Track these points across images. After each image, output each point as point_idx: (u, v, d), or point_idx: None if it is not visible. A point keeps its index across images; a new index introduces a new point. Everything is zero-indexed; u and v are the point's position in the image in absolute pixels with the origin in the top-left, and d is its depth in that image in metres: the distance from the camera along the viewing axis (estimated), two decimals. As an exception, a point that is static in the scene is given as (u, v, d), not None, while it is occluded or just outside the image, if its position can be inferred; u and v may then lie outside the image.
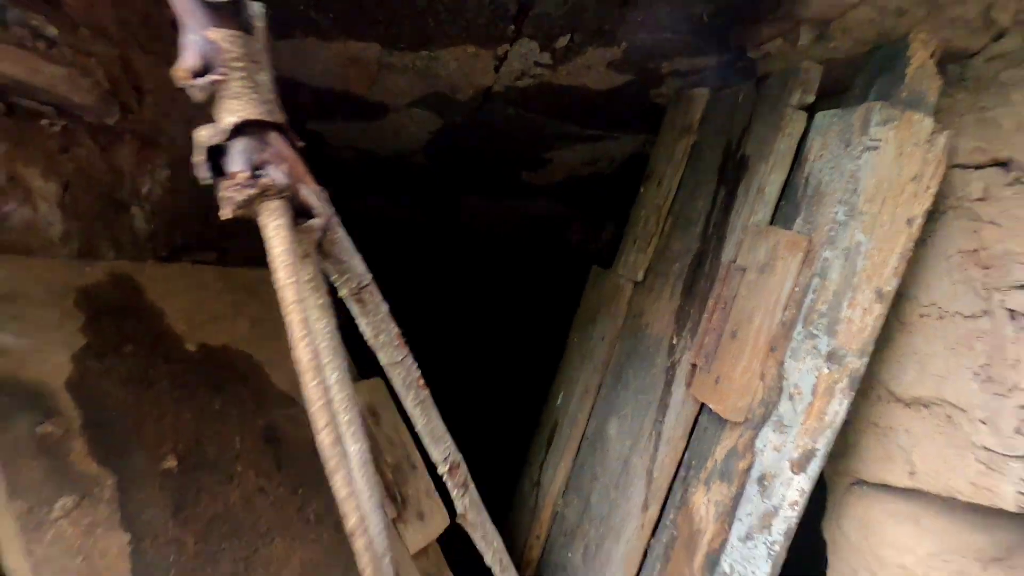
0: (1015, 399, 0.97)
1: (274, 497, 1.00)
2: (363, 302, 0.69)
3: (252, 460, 1.01)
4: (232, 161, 0.44)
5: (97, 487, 0.80)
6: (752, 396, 1.08)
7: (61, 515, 0.74)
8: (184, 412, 0.95)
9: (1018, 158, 1.03)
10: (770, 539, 1.09)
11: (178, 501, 0.88)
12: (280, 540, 0.95)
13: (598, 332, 1.72)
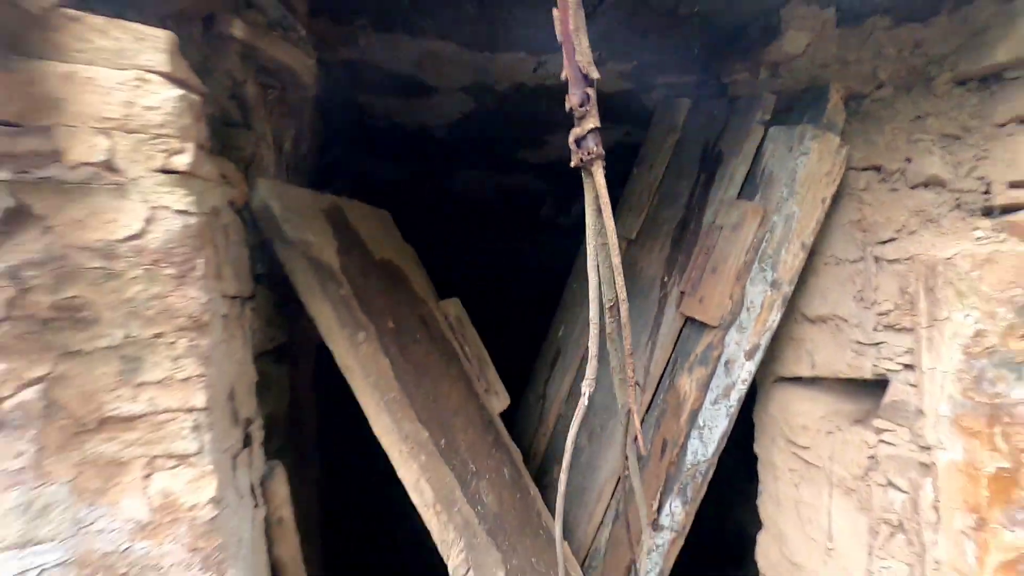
0: (874, 310, 1.62)
1: (436, 357, 1.44)
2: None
3: (421, 332, 1.44)
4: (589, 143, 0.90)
5: (368, 330, 1.22)
6: (724, 309, 1.67)
7: (363, 341, 1.16)
8: (389, 296, 1.37)
9: (887, 165, 1.67)
10: (728, 403, 1.70)
11: (400, 347, 1.31)
12: (445, 383, 1.39)
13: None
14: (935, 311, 1.43)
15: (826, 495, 1.78)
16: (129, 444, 0.74)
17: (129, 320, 0.75)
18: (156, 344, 0.76)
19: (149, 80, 0.75)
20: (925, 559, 1.47)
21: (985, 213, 1.55)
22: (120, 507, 0.74)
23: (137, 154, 0.74)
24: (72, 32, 0.71)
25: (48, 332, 0.71)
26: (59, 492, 0.71)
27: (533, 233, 4.02)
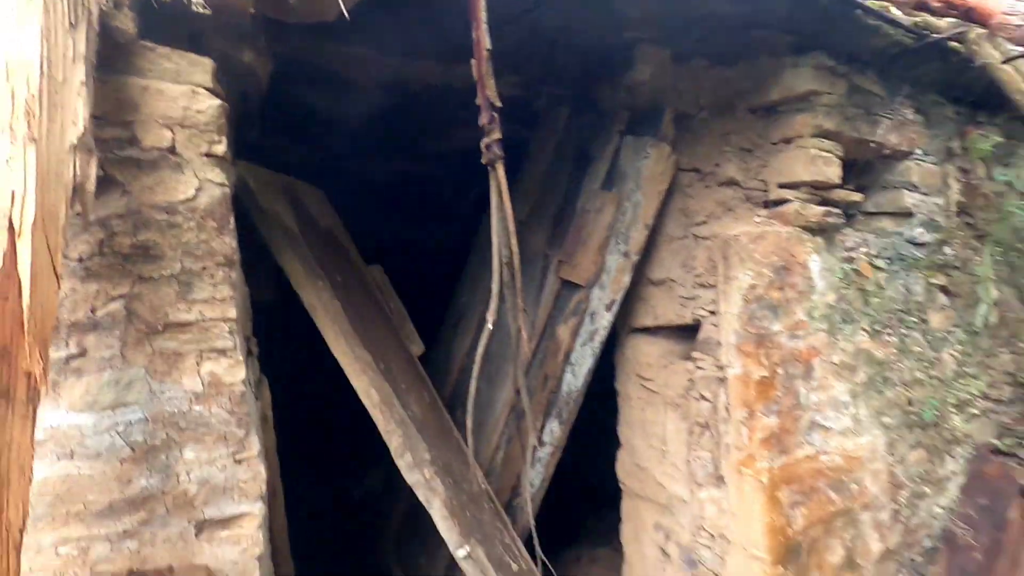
0: (693, 273, 2.23)
1: (371, 308, 1.78)
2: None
3: (359, 288, 1.77)
4: (494, 149, 1.31)
5: (324, 280, 1.54)
6: (591, 272, 2.19)
7: (321, 287, 1.48)
8: (333, 258, 1.67)
9: (702, 168, 2.29)
10: (594, 345, 2.24)
11: (346, 296, 1.64)
12: (379, 327, 1.74)
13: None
14: (728, 272, 2.05)
15: (662, 412, 2.39)
16: (185, 342, 1.04)
17: (184, 257, 1.04)
18: (202, 274, 1.05)
19: (199, 92, 1.04)
20: (721, 444, 2.11)
21: (764, 205, 2.22)
22: (182, 383, 1.04)
23: (190, 143, 1.03)
24: (147, 57, 0.98)
25: (128, 263, 0.99)
26: (138, 373, 0.99)
27: (435, 215, 4.39)
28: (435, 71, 2.42)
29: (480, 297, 2.70)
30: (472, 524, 1.79)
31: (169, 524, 1.02)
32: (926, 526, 2.48)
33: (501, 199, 1.37)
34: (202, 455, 1.04)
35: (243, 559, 1.05)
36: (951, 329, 2.59)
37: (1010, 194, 2.87)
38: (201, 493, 1.04)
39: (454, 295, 2.94)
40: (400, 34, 2.07)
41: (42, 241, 0.73)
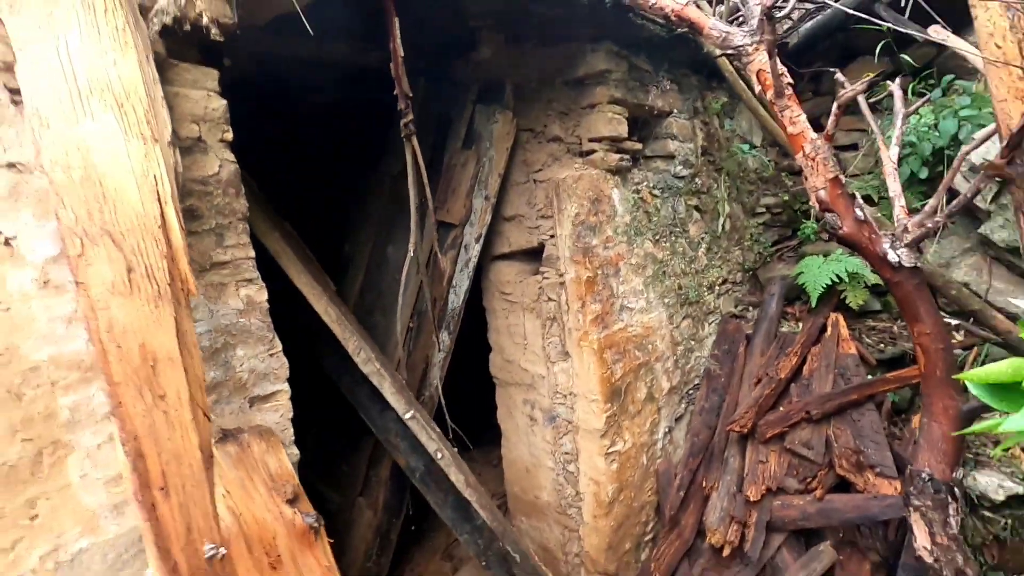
0: (535, 208, 2.98)
1: (302, 248, 2.17)
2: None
3: (293, 235, 2.15)
4: (409, 127, 1.77)
5: (278, 230, 1.91)
6: (462, 214, 2.82)
7: (279, 236, 1.85)
8: (276, 217, 2.03)
9: (536, 128, 3.01)
10: (468, 271, 2.90)
11: (292, 242, 2.03)
12: (311, 263, 2.16)
13: (373, 204, 3.19)
14: (560, 205, 2.84)
15: (521, 316, 3.18)
16: (226, 275, 1.42)
17: (217, 215, 1.40)
18: (229, 227, 1.42)
19: (212, 95, 1.37)
20: (565, 329, 2.96)
21: (580, 155, 3.02)
22: (229, 303, 1.43)
23: (211, 132, 1.36)
24: (175, 71, 1.28)
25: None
26: (200, 299, 1.36)
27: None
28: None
29: (362, 245, 3.18)
30: (410, 399, 2.39)
31: (232, 401, 1.45)
32: (695, 369, 3.69)
33: (416, 162, 1.91)
34: (248, 352, 1.47)
35: (282, 420, 1.54)
36: (703, 236, 3.75)
37: (735, 138, 4.12)
38: (250, 379, 1.48)
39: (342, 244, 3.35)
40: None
41: (172, 207, 1.13)
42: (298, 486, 1.45)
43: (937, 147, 3.73)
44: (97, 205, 1.02)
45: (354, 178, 3.36)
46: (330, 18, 2.34)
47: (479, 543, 2.62)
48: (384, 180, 3.10)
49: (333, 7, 2.13)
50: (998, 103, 1.90)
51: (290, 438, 1.56)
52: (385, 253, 3.09)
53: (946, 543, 2.18)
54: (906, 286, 2.18)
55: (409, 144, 1.90)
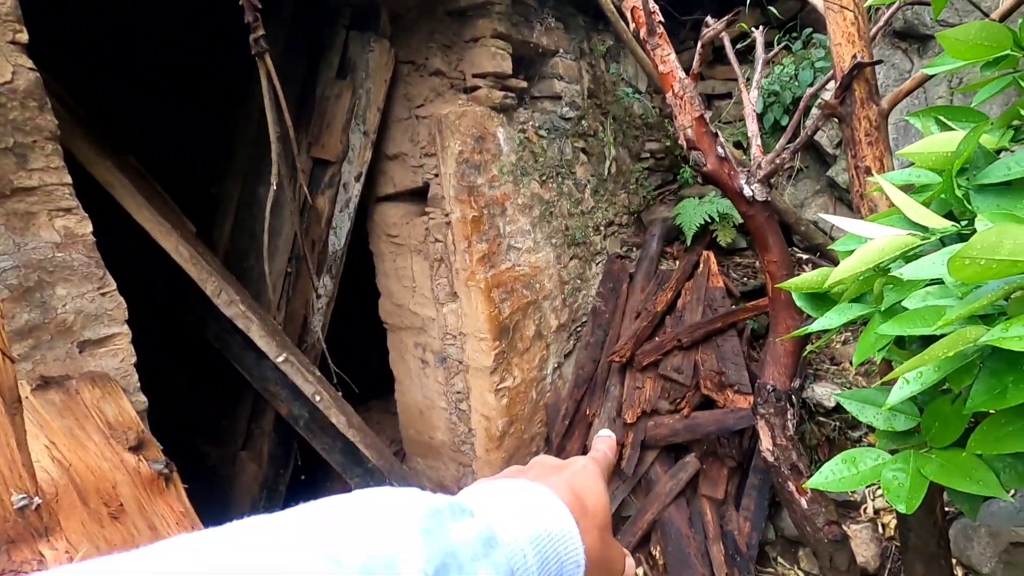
0: (419, 146, 2.88)
1: (155, 189, 1.93)
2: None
3: (139, 174, 1.89)
4: (261, 43, 1.59)
5: (113, 160, 1.66)
6: (339, 150, 2.66)
7: (118, 170, 1.61)
8: (118, 152, 1.76)
9: (417, 61, 2.87)
10: (349, 211, 2.77)
11: (135, 174, 1.78)
12: (166, 206, 1.93)
13: (241, 141, 2.92)
14: (443, 143, 2.76)
15: (409, 259, 3.12)
16: (33, 203, 1.21)
17: (15, 132, 1.17)
18: (34, 147, 1.20)
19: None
20: (452, 270, 2.95)
21: (464, 91, 2.94)
22: (40, 235, 1.23)
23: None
24: None
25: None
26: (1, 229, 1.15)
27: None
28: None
29: (231, 185, 2.93)
30: (283, 343, 2.28)
31: (56, 346, 1.29)
32: (582, 307, 3.85)
33: (272, 85, 1.74)
34: (72, 291, 1.30)
35: (123, 365, 1.39)
36: (589, 178, 3.85)
37: (620, 83, 4.20)
38: (78, 321, 1.32)
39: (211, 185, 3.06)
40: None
41: None
42: (144, 433, 1.34)
43: (797, 96, 4.04)
44: None
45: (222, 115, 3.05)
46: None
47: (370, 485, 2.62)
48: (252, 114, 2.84)
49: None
50: (834, 46, 2.07)
51: (135, 384, 1.43)
52: (256, 194, 2.86)
53: (785, 444, 2.50)
54: (758, 218, 2.37)
55: (262, 63, 1.72)
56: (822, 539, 2.27)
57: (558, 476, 0.45)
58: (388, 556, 0.27)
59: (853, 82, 2.04)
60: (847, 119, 2.09)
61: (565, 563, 0.37)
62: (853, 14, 1.96)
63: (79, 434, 1.22)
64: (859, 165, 2.07)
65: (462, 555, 0.30)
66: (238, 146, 2.91)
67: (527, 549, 0.35)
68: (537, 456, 0.51)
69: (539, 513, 0.38)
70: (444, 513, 0.32)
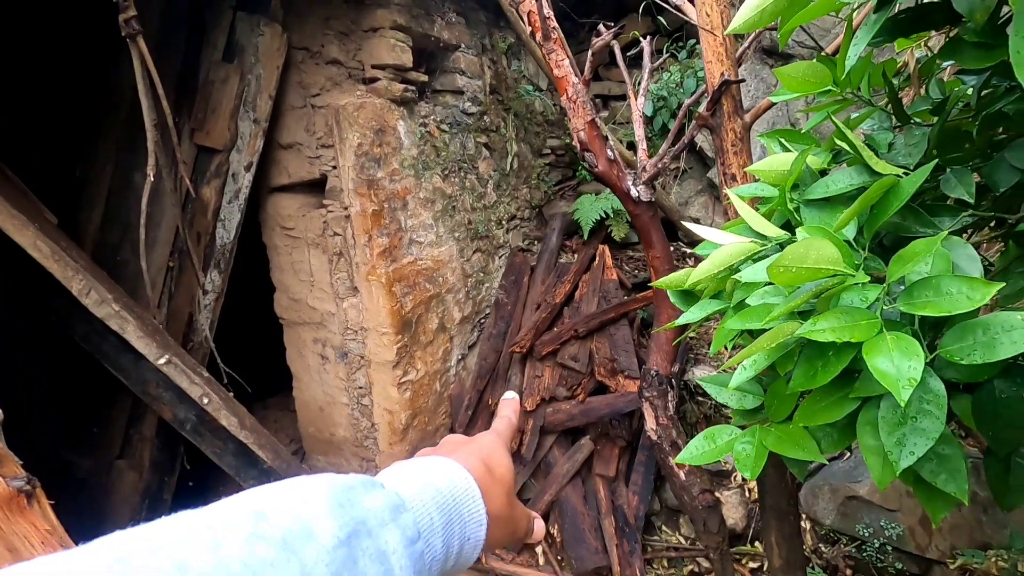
0: (315, 137, 2.80)
1: (11, 190, 1.69)
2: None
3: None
4: (132, 24, 1.46)
5: None
6: (226, 138, 2.52)
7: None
8: None
9: (312, 48, 2.77)
10: (239, 202, 2.63)
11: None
12: (25, 199, 1.69)
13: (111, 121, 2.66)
14: (341, 135, 2.70)
15: (306, 252, 3.02)
16: None
17: None
18: None
19: None
20: (352, 264, 2.91)
21: (363, 81, 2.89)
22: None
23: None
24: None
25: None
26: None
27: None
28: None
29: (100, 168, 2.67)
30: (165, 343, 2.13)
31: None
32: (486, 300, 3.94)
33: (146, 69, 1.62)
34: None
35: None
36: (491, 173, 3.93)
37: (522, 80, 4.31)
38: None
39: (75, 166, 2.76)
40: None
41: None
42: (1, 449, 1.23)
43: (682, 102, 4.37)
44: None
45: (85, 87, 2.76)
46: None
47: (266, 486, 2.54)
48: (124, 92, 2.60)
49: None
50: (706, 63, 2.29)
51: (-14, 395, 1.30)
52: (131, 180, 2.63)
53: (666, 423, 2.75)
54: (643, 217, 2.57)
55: (135, 46, 1.60)
56: (697, 506, 2.52)
57: (467, 448, 0.51)
58: (304, 525, 0.31)
59: (722, 97, 2.27)
60: (717, 130, 2.33)
61: (468, 522, 0.43)
62: (722, 36, 2.18)
63: (-84, 453, 1.10)
64: (727, 172, 2.31)
65: (371, 521, 0.35)
66: (107, 125, 2.64)
67: (432, 511, 0.40)
68: (447, 435, 0.57)
69: (444, 480, 0.43)
70: (356, 488, 0.37)
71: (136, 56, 1.62)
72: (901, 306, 0.91)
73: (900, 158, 1.25)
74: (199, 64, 2.54)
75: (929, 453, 0.87)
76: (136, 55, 1.62)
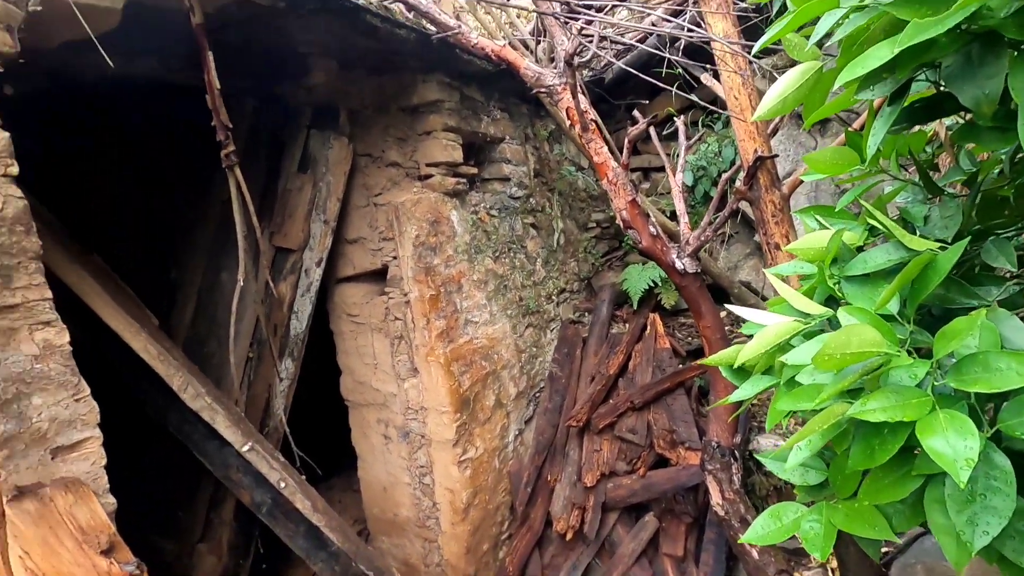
0: (377, 231, 3.06)
1: (119, 286, 1.98)
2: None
3: (104, 273, 1.94)
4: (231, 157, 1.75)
5: (87, 264, 1.72)
6: (300, 239, 2.80)
7: (86, 273, 1.67)
8: (73, 246, 1.82)
9: (374, 153, 3.09)
10: (311, 295, 2.88)
11: (103, 276, 1.84)
12: (131, 302, 1.98)
13: (203, 230, 3.02)
14: (400, 228, 2.94)
15: (370, 337, 3.22)
16: (16, 319, 1.27)
17: (2, 255, 1.25)
18: (19, 268, 1.28)
19: None
20: (413, 346, 3.06)
21: (418, 179, 3.16)
22: (21, 349, 1.27)
23: None
24: None
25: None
26: None
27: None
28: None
29: (192, 271, 3.00)
30: (248, 431, 2.30)
31: (29, 455, 1.32)
32: (539, 373, 4.00)
33: (240, 192, 1.89)
34: (47, 400, 1.34)
35: (94, 468, 1.42)
36: (539, 250, 4.10)
37: (564, 161, 4.56)
38: (51, 428, 1.35)
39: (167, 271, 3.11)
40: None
41: None
42: (115, 535, 1.37)
43: (721, 170, 4.48)
44: None
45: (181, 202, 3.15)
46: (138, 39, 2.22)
47: (335, 568, 2.60)
48: (215, 204, 2.96)
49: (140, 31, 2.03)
50: (739, 142, 2.41)
51: (104, 487, 1.46)
52: (219, 280, 2.94)
53: (732, 497, 2.66)
54: (691, 288, 2.63)
55: (232, 175, 1.88)
56: (774, 588, 2.39)
57: None
58: None
59: (758, 172, 2.36)
60: (756, 202, 2.41)
61: None
62: (750, 119, 2.30)
63: (52, 542, 1.25)
64: (769, 242, 2.37)
65: None
66: (199, 233, 3.00)
67: None
68: None
69: None
70: None
71: (233, 183, 1.89)
72: (951, 382, 0.93)
73: (937, 231, 1.29)
74: (279, 175, 2.88)
75: (1008, 530, 0.85)
76: (233, 182, 1.89)
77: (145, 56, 2.50)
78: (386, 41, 2.60)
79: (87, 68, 2.52)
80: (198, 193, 3.08)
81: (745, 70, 2.29)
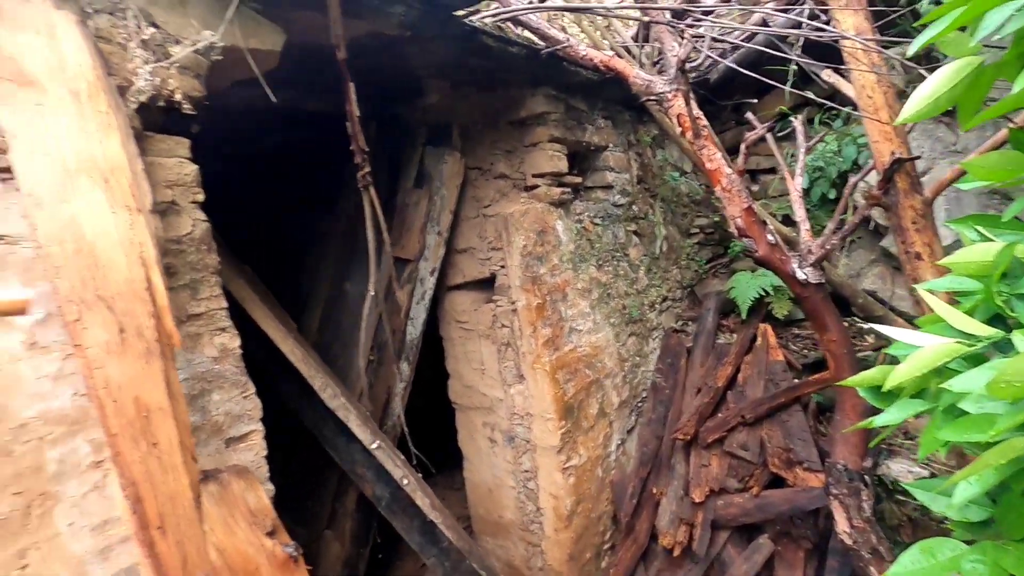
0: (486, 241, 3.18)
1: (268, 295, 2.27)
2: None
3: (256, 283, 2.23)
4: (367, 177, 1.94)
5: (243, 275, 2.00)
6: (416, 250, 2.97)
7: (244, 283, 1.94)
8: (232, 258, 2.12)
9: (483, 166, 3.22)
10: (425, 303, 3.04)
11: (257, 288, 2.12)
12: (276, 307, 2.25)
13: (330, 243, 3.30)
14: (508, 238, 3.04)
15: (478, 343, 3.34)
16: (201, 326, 1.53)
17: (191, 271, 1.51)
18: (203, 281, 1.54)
19: (184, 162, 1.51)
20: (519, 353, 3.14)
21: (525, 190, 3.25)
22: (204, 352, 1.53)
23: (183, 196, 1.49)
24: (150, 141, 1.40)
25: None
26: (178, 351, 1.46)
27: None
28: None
29: (320, 282, 3.28)
30: (375, 431, 2.50)
31: (210, 444, 1.54)
32: (642, 383, 3.94)
33: (374, 210, 2.07)
34: (223, 396, 1.57)
35: (256, 458, 1.63)
36: (642, 258, 4.04)
37: (667, 167, 4.47)
38: (226, 421, 1.57)
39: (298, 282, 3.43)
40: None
41: (157, 270, 1.24)
42: (276, 519, 1.55)
43: (842, 170, 4.18)
44: (90, 274, 1.13)
45: (309, 218, 3.47)
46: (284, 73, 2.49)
47: (446, 564, 2.73)
48: (340, 219, 3.23)
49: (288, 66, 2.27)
50: (872, 143, 2.25)
51: (265, 475, 1.66)
52: (343, 289, 3.20)
53: (862, 525, 2.46)
54: (813, 300, 2.48)
55: (367, 194, 2.05)
56: (913, 630, 2.19)
57: None
58: None
59: (895, 175, 2.19)
60: (892, 208, 2.23)
61: None
62: (887, 120, 2.14)
63: (230, 522, 1.44)
64: (909, 251, 2.19)
65: None
66: (328, 246, 3.28)
67: None
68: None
69: None
70: None
71: (367, 202, 2.07)
72: None
73: None
74: (396, 192, 3.08)
75: None
76: (367, 200, 2.07)
77: (286, 88, 2.78)
78: (498, 59, 2.71)
79: (239, 102, 2.86)
80: (325, 210, 3.37)
81: (881, 66, 2.13)
